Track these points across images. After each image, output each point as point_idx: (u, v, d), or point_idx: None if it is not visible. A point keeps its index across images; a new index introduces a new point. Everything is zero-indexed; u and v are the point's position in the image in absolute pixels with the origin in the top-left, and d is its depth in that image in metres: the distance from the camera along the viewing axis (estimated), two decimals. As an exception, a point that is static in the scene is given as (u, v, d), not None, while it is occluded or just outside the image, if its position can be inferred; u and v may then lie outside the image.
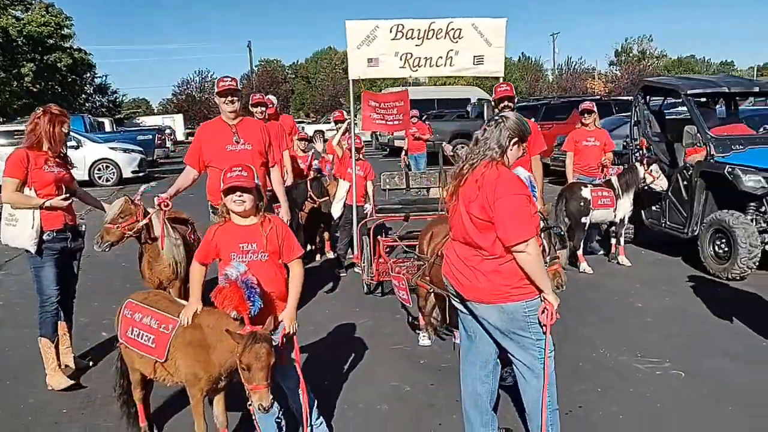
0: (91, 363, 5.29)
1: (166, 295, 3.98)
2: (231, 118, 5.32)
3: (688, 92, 7.51)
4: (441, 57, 6.58)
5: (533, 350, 3.32)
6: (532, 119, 14.21)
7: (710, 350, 5.06)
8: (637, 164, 7.58)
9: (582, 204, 7.37)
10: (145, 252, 5.50)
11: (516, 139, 3.32)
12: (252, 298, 3.27)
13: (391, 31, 6.49)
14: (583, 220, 7.37)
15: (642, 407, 4.18)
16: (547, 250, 3.80)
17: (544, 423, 3.31)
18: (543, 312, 3.22)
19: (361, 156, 7.58)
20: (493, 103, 5.97)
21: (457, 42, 6.55)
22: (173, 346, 3.50)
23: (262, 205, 3.64)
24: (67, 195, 4.91)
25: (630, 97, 22.01)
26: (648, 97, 8.46)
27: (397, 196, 7.67)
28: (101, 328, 6.00)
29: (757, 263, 6.67)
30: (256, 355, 3.14)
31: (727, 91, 7.64)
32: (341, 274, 7.60)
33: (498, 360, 3.62)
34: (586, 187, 7.47)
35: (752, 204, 6.91)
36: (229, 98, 5.23)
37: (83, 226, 5.11)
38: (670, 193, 7.70)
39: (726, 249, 6.83)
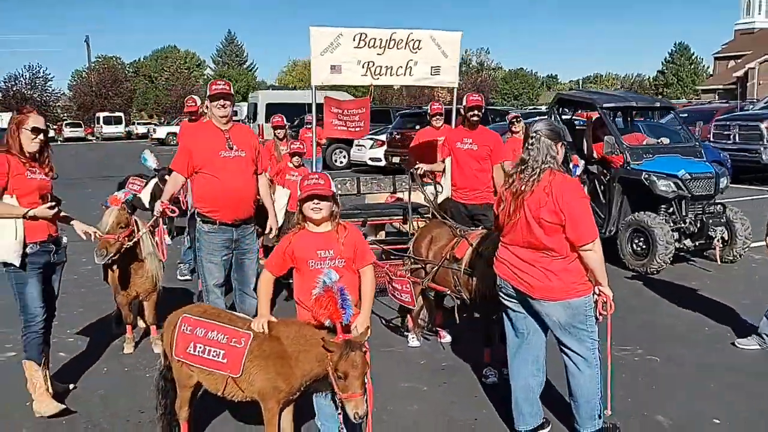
0: (71, 386, 4.89)
1: (218, 308, 3.83)
2: (223, 123, 5.16)
3: (604, 105, 8.32)
4: (401, 66, 6.79)
5: (588, 342, 3.65)
6: (418, 126, 14.82)
7: (668, 337, 5.71)
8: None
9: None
10: (122, 263, 5.20)
11: (558, 142, 3.65)
12: (345, 306, 3.29)
13: (354, 39, 6.58)
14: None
15: (637, 387, 4.67)
16: None
17: (608, 401, 3.66)
18: (600, 304, 3.59)
19: (301, 163, 7.59)
20: (462, 110, 6.33)
21: (416, 53, 6.79)
22: (249, 361, 3.41)
23: (337, 212, 3.65)
24: (54, 203, 4.50)
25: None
26: (561, 108, 9.22)
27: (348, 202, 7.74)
28: (59, 348, 5.53)
29: (671, 258, 7.57)
30: (352, 364, 3.16)
31: (635, 105, 8.58)
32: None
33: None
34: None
35: (663, 206, 7.83)
36: (222, 102, 5.09)
37: (65, 238, 4.71)
38: (587, 197, 8.46)
39: (644, 246, 7.67)
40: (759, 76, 49.93)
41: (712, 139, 15.43)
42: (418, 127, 13.64)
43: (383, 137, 20.08)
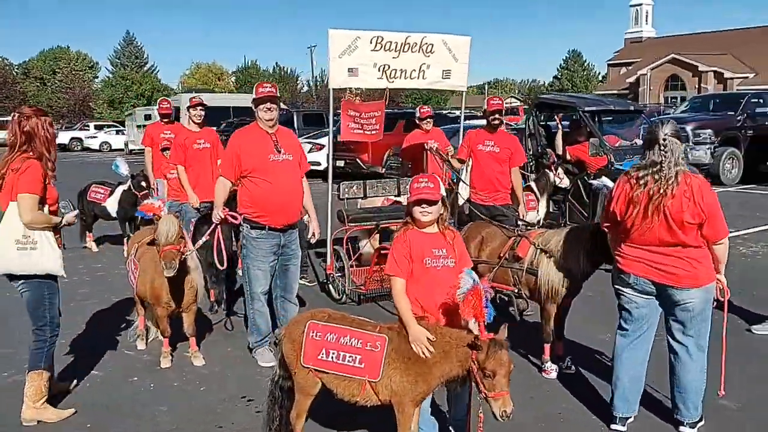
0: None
1: (339, 312, 3.73)
2: (269, 126, 5.06)
3: (585, 109, 8.72)
4: (414, 70, 6.83)
5: (707, 327, 3.91)
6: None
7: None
8: (547, 170, 8.59)
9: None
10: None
11: (683, 143, 3.86)
12: (487, 305, 3.31)
13: (371, 42, 6.55)
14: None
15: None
16: None
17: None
18: (717, 290, 3.86)
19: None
20: (483, 113, 6.53)
21: (429, 56, 6.85)
22: (387, 364, 3.36)
23: (446, 215, 3.67)
24: (78, 211, 4.72)
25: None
26: (540, 112, 9.57)
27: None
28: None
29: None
30: (500, 362, 3.20)
31: (613, 108, 9.03)
32: None
33: None
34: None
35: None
36: (268, 105, 5.00)
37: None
38: (570, 197, 8.84)
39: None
40: (650, 82, 53.44)
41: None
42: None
43: (323, 141, 19.94)
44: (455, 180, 7.64)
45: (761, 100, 16.42)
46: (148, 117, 33.29)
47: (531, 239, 4.97)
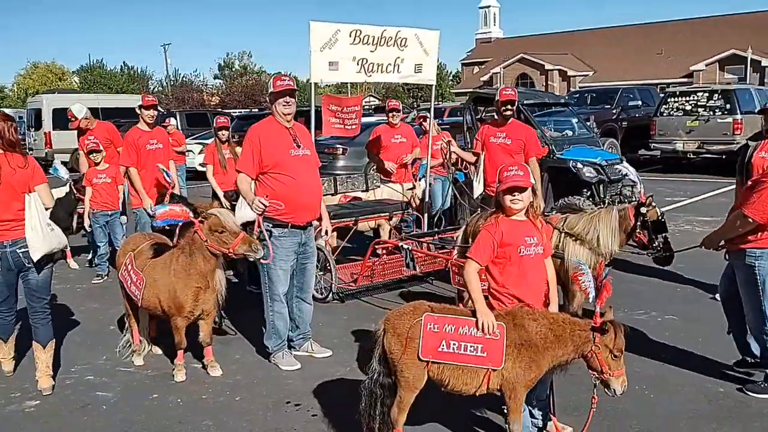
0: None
1: (438, 304, 3.67)
2: (287, 120, 4.90)
3: (525, 102, 9.15)
4: (390, 64, 6.78)
5: None
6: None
7: (669, 299, 6.58)
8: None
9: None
10: (191, 277, 4.69)
11: None
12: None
13: (350, 36, 6.41)
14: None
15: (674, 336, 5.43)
16: None
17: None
18: None
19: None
20: (496, 104, 6.61)
21: (403, 50, 6.83)
22: (505, 352, 3.39)
23: (537, 204, 3.76)
24: None
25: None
26: (476, 106, 9.89)
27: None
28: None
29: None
30: (623, 342, 3.36)
31: (548, 101, 9.54)
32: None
33: None
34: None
35: (585, 190, 8.87)
36: (288, 99, 4.85)
37: None
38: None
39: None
40: (502, 80, 56.68)
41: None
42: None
43: (210, 141, 19.16)
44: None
45: (632, 95, 18.04)
46: None
47: (553, 224, 5.17)
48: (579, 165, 8.68)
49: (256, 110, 23.04)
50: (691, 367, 4.89)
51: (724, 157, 15.51)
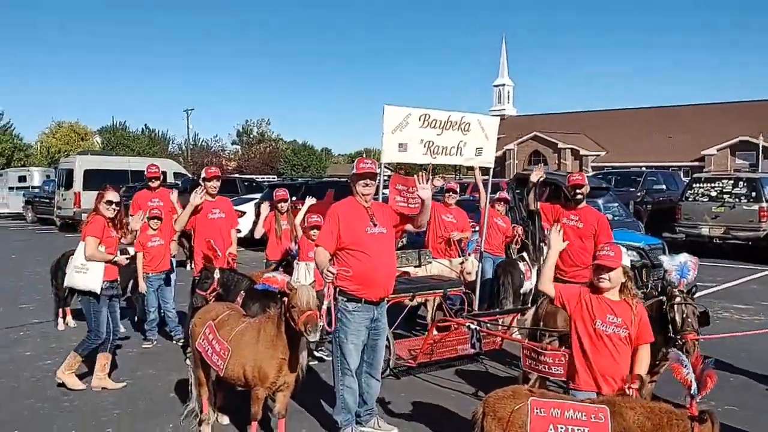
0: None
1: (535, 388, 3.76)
2: (366, 201, 5.12)
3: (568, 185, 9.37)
4: (454, 147, 7.06)
5: None
6: (294, 197, 14.90)
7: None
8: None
9: (521, 276, 8.49)
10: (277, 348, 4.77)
11: None
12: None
13: (419, 120, 6.73)
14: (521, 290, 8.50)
15: None
16: None
17: None
18: None
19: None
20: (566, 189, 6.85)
21: (466, 134, 7.12)
22: None
23: (629, 285, 3.90)
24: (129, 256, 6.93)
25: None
26: (519, 187, 10.13)
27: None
28: None
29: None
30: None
31: (591, 186, 9.77)
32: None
33: None
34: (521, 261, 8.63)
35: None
36: (368, 181, 5.09)
37: None
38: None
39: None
40: (516, 156, 57.68)
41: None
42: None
43: (242, 207, 19.46)
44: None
45: (656, 178, 18.38)
46: (22, 179, 30.84)
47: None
48: (622, 249, 8.80)
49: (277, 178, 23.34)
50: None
51: (750, 243, 15.69)
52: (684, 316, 4.94)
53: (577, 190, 6.57)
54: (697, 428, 3.39)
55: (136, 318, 8.97)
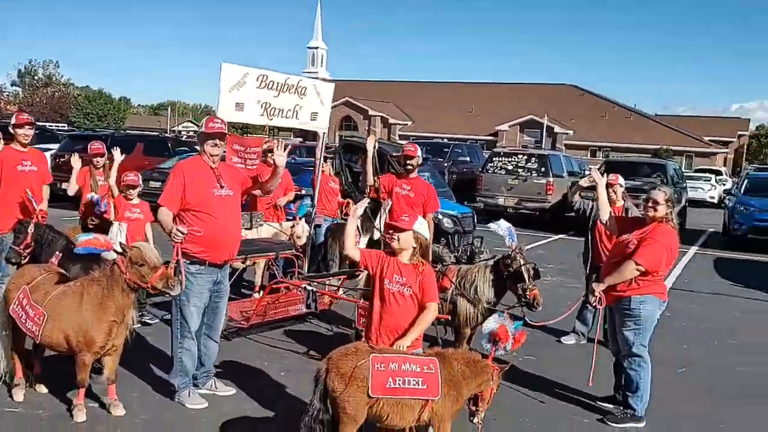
0: None
1: (365, 344, 3.99)
2: (213, 161, 5.05)
3: (393, 154, 9.82)
4: (290, 110, 7.02)
5: None
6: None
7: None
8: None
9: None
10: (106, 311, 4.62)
11: None
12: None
13: (257, 80, 6.59)
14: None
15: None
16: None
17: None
18: None
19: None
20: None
21: (302, 98, 7.12)
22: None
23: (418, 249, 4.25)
24: None
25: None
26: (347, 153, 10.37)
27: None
28: None
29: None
30: None
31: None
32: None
33: None
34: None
35: (442, 239, 9.68)
36: (217, 141, 5.03)
37: None
38: (376, 232, 9.80)
39: (436, 272, 9.39)
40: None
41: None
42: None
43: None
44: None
45: (461, 150, 19.76)
46: None
47: (450, 277, 5.77)
48: (439, 216, 9.49)
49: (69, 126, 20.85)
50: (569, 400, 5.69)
51: (537, 213, 17.56)
52: (529, 273, 5.55)
53: (409, 161, 6.88)
54: (496, 371, 3.94)
55: None
